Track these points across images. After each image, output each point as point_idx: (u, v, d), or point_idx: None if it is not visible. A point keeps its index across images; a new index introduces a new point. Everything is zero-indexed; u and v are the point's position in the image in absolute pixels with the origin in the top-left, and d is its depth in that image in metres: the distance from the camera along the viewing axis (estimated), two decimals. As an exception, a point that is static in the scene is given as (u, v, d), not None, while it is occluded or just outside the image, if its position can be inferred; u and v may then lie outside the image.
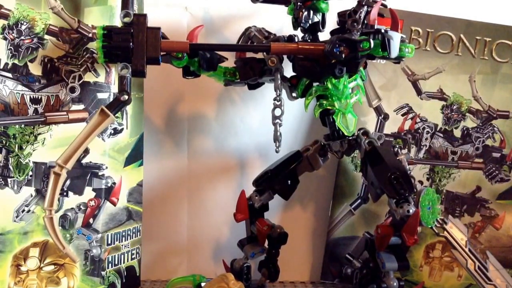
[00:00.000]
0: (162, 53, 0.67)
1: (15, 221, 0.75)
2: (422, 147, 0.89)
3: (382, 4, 0.75)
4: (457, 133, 0.89)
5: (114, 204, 0.81)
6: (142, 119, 0.84)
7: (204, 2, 0.89)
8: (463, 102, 0.89)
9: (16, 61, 0.74)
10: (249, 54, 0.77)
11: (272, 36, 0.75)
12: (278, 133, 0.70)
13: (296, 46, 0.70)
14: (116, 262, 0.82)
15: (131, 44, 0.65)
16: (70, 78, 0.76)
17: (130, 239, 0.83)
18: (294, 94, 0.75)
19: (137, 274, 0.85)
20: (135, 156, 0.83)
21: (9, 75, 0.74)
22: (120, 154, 0.81)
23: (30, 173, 0.76)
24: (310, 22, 0.73)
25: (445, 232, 0.89)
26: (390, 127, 0.89)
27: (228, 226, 0.93)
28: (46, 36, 0.75)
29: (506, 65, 0.88)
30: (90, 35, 0.76)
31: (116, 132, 0.80)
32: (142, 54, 0.66)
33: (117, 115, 0.78)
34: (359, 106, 0.80)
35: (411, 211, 0.68)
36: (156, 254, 0.93)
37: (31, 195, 0.76)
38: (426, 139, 0.89)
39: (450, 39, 0.88)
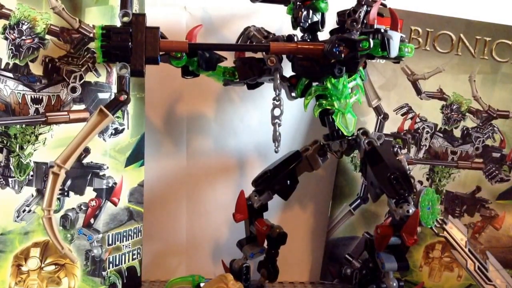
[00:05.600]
0: (161, 53, 0.67)
1: (16, 221, 0.76)
2: (421, 147, 0.89)
3: (382, 4, 0.75)
4: (457, 133, 0.89)
5: (115, 204, 0.81)
6: (143, 119, 0.85)
7: (203, 1, 0.89)
8: (463, 102, 0.88)
9: (17, 61, 0.75)
10: (248, 54, 0.77)
11: (271, 36, 0.75)
12: (278, 133, 0.70)
13: (295, 45, 0.69)
14: (117, 263, 0.82)
15: (130, 43, 0.65)
16: (71, 78, 0.77)
17: (131, 239, 0.83)
18: (293, 94, 0.75)
19: (138, 275, 0.85)
20: (136, 156, 0.83)
21: (10, 75, 0.74)
22: (121, 154, 0.81)
23: (31, 173, 0.76)
24: (309, 21, 0.73)
25: (445, 232, 0.88)
26: (390, 127, 0.89)
27: (227, 226, 0.92)
28: (47, 36, 0.75)
29: (506, 65, 0.88)
30: (91, 35, 0.77)
31: (117, 132, 0.80)
32: (141, 54, 0.66)
33: (118, 115, 0.79)
34: (358, 106, 0.80)
35: (410, 211, 0.68)
36: (155, 254, 0.92)
37: (32, 195, 0.76)
38: (426, 139, 0.89)
39: (450, 39, 0.88)
